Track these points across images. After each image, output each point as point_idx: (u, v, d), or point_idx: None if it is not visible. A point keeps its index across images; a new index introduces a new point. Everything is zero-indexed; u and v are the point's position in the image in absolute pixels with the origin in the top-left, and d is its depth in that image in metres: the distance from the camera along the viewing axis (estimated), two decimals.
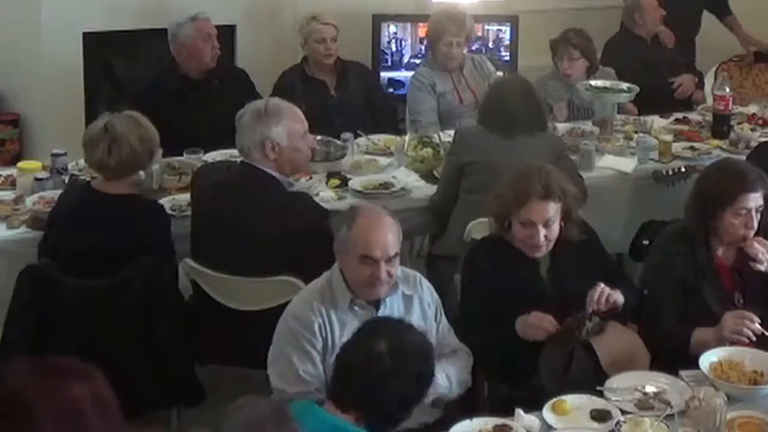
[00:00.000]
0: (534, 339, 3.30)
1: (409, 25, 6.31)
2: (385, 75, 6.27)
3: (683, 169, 4.76)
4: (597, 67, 5.60)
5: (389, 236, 3.14)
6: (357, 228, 3.13)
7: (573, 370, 3.24)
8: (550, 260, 3.52)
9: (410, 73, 5.83)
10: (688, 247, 3.55)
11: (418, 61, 6.04)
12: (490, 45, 6.31)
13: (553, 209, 3.42)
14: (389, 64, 6.32)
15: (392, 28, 6.30)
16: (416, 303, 3.30)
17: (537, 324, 3.29)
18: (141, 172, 3.96)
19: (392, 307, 3.23)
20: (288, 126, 3.86)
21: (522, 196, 3.40)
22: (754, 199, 3.49)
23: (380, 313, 3.20)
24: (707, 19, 6.73)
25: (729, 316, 3.37)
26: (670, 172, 4.77)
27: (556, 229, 3.44)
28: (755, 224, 3.51)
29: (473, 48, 5.94)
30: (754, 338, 3.31)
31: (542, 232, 3.39)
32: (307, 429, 2.30)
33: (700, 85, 6.20)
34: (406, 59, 6.33)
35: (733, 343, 3.30)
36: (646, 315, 3.49)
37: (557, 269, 3.52)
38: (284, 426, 2.15)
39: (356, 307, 3.19)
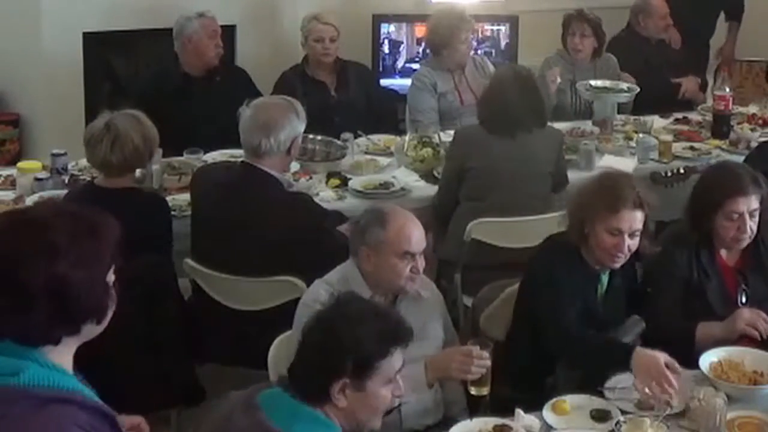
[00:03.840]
0: None
1: (404, 25, 6.22)
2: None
3: (682, 171, 4.76)
4: (602, 51, 5.67)
5: (421, 231, 3.20)
6: (395, 226, 3.14)
7: None
8: (607, 281, 3.42)
9: (405, 81, 5.73)
10: (691, 248, 3.54)
11: (415, 67, 5.89)
12: (501, 46, 6.28)
13: (641, 220, 3.31)
14: (381, 69, 6.19)
15: (387, 29, 6.19)
16: (427, 306, 3.29)
17: None
18: (138, 170, 4.00)
19: (407, 308, 3.20)
20: (303, 126, 3.92)
21: (616, 204, 3.26)
22: (746, 203, 3.44)
23: None
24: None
25: (745, 309, 3.39)
26: (669, 174, 4.76)
27: (637, 240, 3.33)
28: (749, 228, 3.46)
29: (480, 49, 5.93)
30: (765, 336, 3.33)
31: (627, 241, 3.29)
32: (278, 416, 2.36)
33: (704, 88, 6.22)
34: (401, 64, 6.22)
35: (741, 336, 3.32)
36: (650, 313, 3.48)
37: (611, 292, 3.43)
38: (251, 414, 2.36)
39: None
